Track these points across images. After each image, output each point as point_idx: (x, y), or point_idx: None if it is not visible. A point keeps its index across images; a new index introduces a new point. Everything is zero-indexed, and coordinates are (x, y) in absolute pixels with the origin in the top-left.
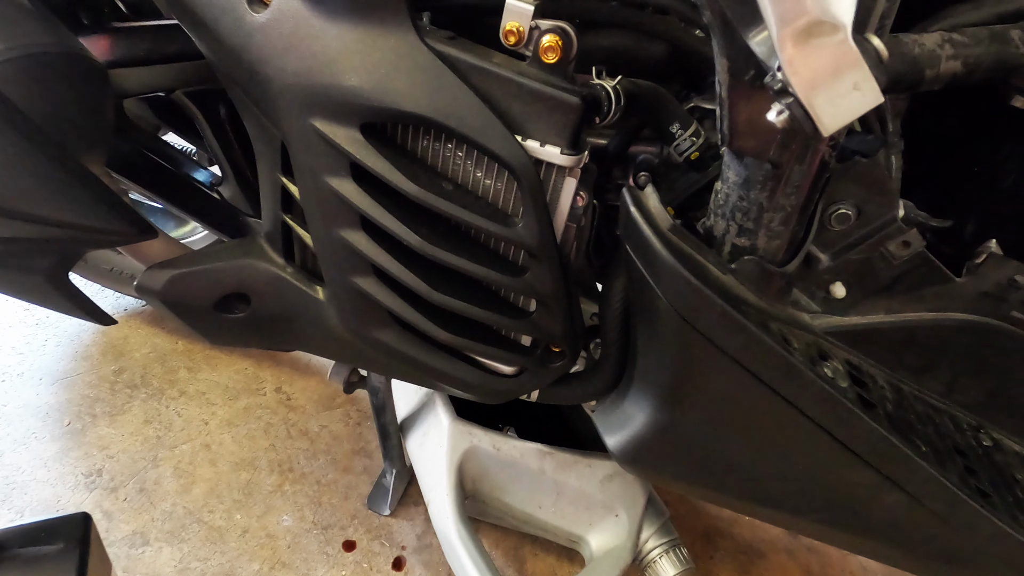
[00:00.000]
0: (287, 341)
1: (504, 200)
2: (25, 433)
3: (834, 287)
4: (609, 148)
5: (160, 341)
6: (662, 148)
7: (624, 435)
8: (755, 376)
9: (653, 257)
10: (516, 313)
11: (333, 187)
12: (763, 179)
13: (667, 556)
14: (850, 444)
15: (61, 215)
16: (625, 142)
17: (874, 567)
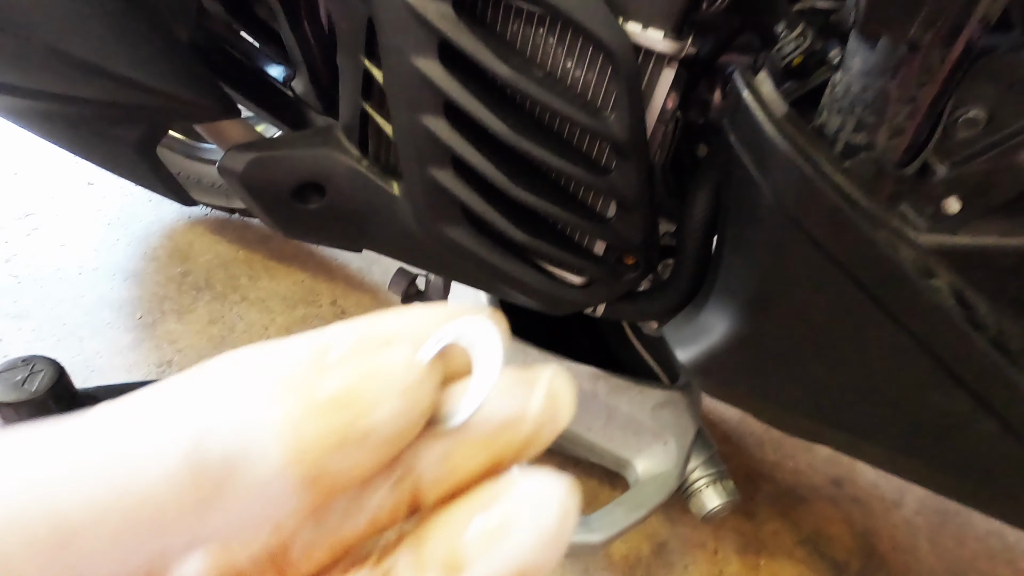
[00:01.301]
0: (358, 238)
1: (594, 92)
2: (102, 322)
3: (947, 201)
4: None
5: (223, 248)
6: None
7: (700, 347)
8: (858, 283)
9: (765, 146)
10: (595, 216)
11: (419, 68)
12: (896, 65)
13: (713, 486)
14: (953, 364)
15: (155, 81)
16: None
17: (919, 522)
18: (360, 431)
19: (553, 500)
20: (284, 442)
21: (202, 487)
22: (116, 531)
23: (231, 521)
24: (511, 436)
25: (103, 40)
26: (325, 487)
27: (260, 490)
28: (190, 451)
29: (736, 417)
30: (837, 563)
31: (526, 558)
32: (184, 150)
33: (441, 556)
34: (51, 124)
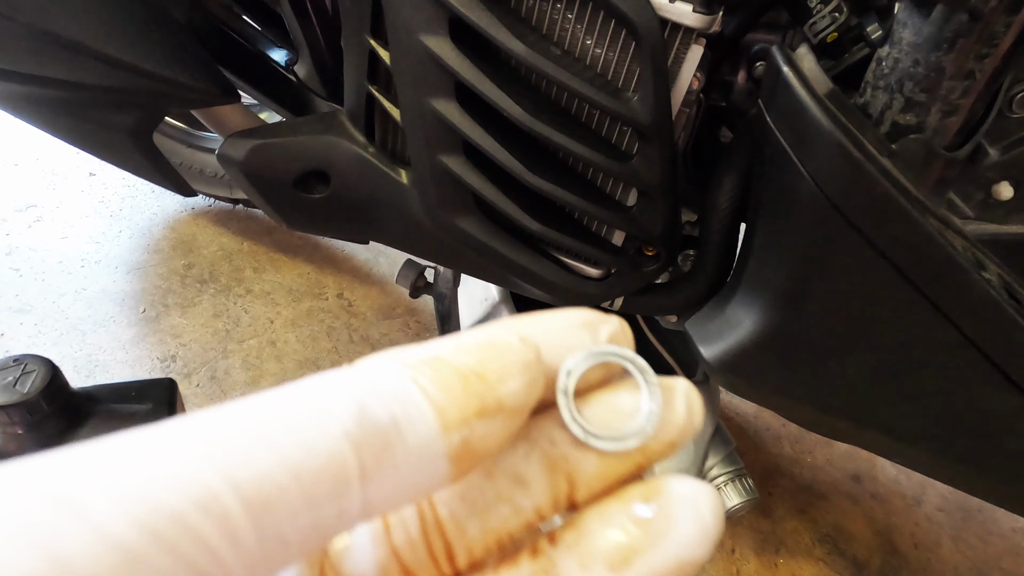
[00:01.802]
0: (364, 229)
1: (616, 71)
2: (104, 316)
3: (999, 187)
4: (724, 33)
5: (227, 240)
6: (784, 36)
7: (726, 343)
8: (904, 275)
9: (806, 126)
10: (614, 205)
11: (428, 47)
12: (953, 36)
13: (732, 484)
14: (1003, 362)
15: (149, 64)
16: (745, 26)
17: (941, 519)
18: (495, 400)
19: (708, 499)
20: (437, 406)
21: (373, 447)
22: (299, 503)
23: (395, 486)
24: (657, 445)
25: (93, 20)
26: (468, 455)
27: (419, 453)
28: (358, 415)
29: (752, 411)
30: (857, 561)
31: (688, 551)
32: (185, 139)
33: (606, 549)
34: (41, 110)
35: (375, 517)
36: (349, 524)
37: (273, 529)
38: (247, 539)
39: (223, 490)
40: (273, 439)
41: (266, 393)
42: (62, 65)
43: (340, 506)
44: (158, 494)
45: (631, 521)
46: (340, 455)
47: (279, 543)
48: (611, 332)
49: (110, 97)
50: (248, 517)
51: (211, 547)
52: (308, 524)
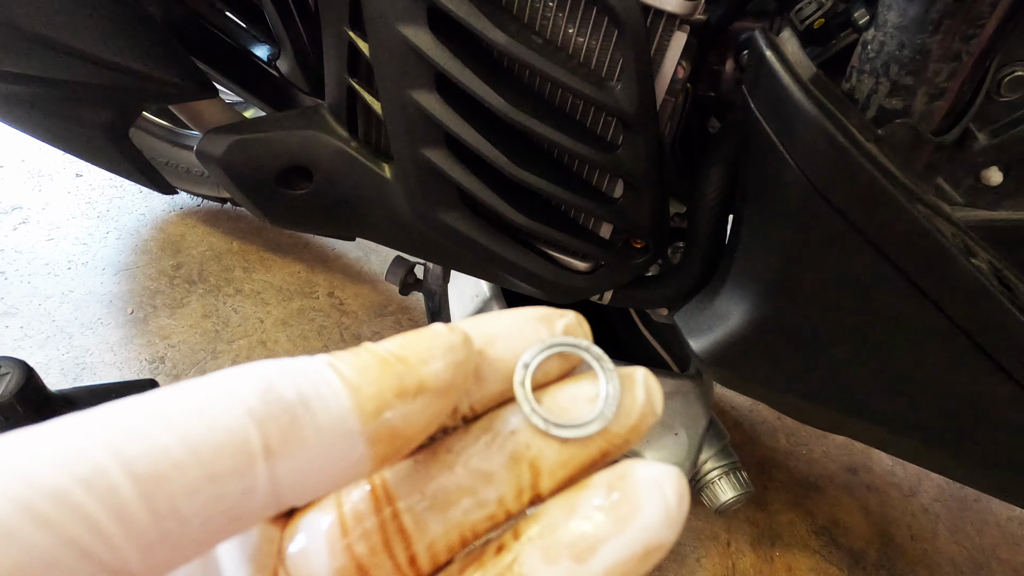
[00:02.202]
0: (349, 225)
1: (599, 61)
2: (92, 318)
3: (988, 172)
4: (711, 21)
5: (216, 240)
6: (771, 23)
7: (715, 335)
8: (893, 262)
9: (790, 112)
10: (601, 197)
11: (407, 37)
12: (938, 17)
13: (726, 478)
14: (994, 350)
15: (124, 60)
16: (731, 14)
17: (937, 510)
18: (416, 380)
19: (672, 482)
20: (351, 385)
21: (278, 423)
22: (197, 478)
23: (306, 465)
24: (619, 429)
25: (63, 15)
26: (388, 435)
27: (331, 430)
28: (264, 392)
29: (747, 405)
30: (854, 553)
31: (654, 536)
32: (170, 137)
33: (570, 539)
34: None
35: (291, 499)
36: (258, 505)
37: (167, 505)
38: (138, 515)
39: (110, 465)
40: (171, 417)
41: (188, 381)
42: (33, 61)
43: (243, 483)
44: (36, 470)
45: (594, 509)
46: (241, 431)
47: (176, 521)
48: (567, 324)
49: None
50: (138, 492)
51: (95, 523)
52: (208, 501)
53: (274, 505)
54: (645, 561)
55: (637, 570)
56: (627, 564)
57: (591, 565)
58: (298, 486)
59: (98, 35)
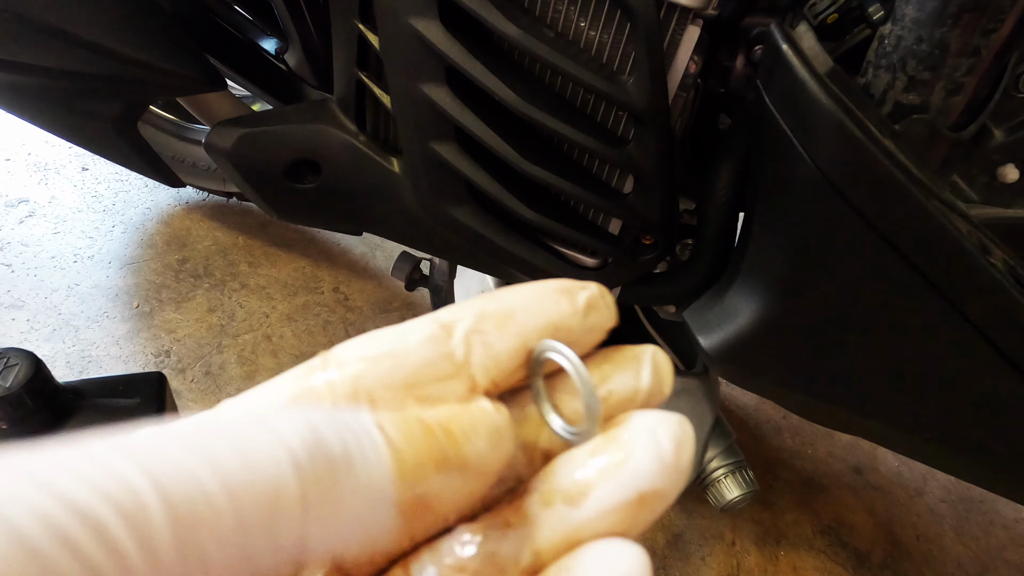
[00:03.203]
0: (357, 220)
1: (611, 54)
2: (98, 312)
3: (1004, 169)
4: (722, 16)
5: (221, 235)
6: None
7: (725, 333)
8: (908, 260)
9: (806, 106)
10: (611, 193)
11: (418, 30)
12: (958, 10)
13: (732, 477)
14: (1009, 348)
15: (133, 51)
16: (743, 8)
17: (943, 510)
18: (458, 456)
19: (668, 428)
20: (395, 449)
21: (320, 480)
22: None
23: (337, 527)
24: (626, 408)
25: (74, 6)
26: (420, 508)
27: (369, 495)
28: (311, 444)
29: (753, 403)
30: (859, 553)
31: (646, 482)
32: (177, 131)
33: (565, 485)
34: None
35: (313, 560)
36: (282, 561)
37: (196, 548)
38: (165, 551)
39: (146, 492)
40: (215, 454)
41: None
42: (43, 52)
43: (276, 539)
44: (65, 483)
45: (587, 455)
46: (284, 482)
47: (199, 565)
48: (588, 296)
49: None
50: (170, 527)
51: (120, 550)
52: (236, 551)
53: (293, 563)
54: (641, 508)
55: (635, 517)
56: (621, 510)
57: (584, 509)
58: (323, 547)
59: (108, 26)
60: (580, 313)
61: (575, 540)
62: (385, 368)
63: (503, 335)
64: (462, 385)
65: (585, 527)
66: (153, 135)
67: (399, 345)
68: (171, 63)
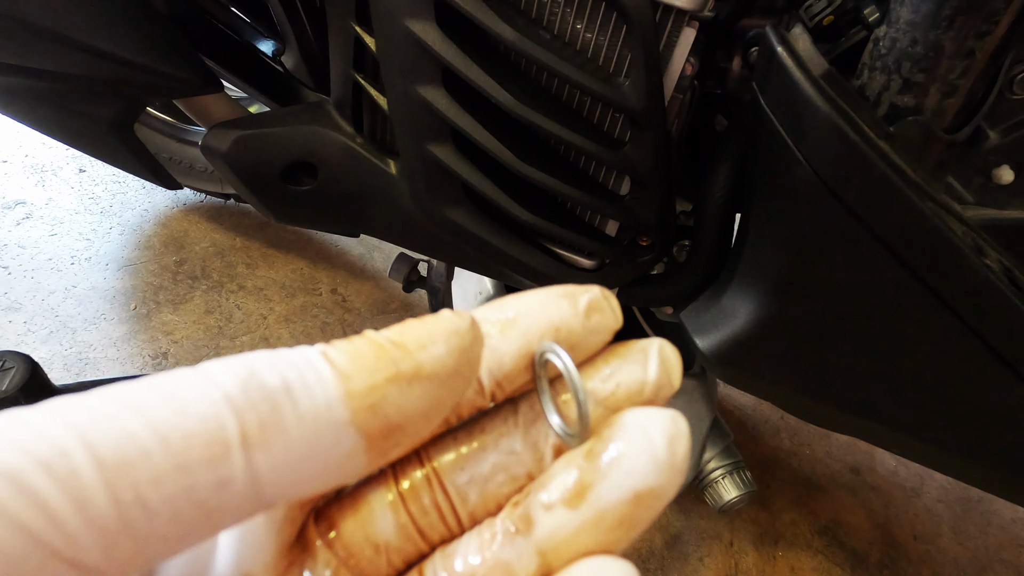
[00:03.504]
0: (354, 222)
1: (607, 56)
2: (95, 314)
3: (999, 171)
4: (718, 18)
5: (219, 236)
6: (779, 19)
7: (722, 334)
8: (903, 261)
9: (802, 108)
10: (607, 194)
11: (414, 32)
12: (952, 13)
13: (730, 477)
14: (1005, 351)
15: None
16: (739, 10)
17: (940, 510)
18: (412, 366)
19: (659, 424)
20: (341, 373)
21: (258, 412)
22: (165, 466)
23: (288, 455)
24: (634, 401)
25: (69, 8)
26: (381, 425)
27: (316, 418)
28: (245, 379)
29: (750, 404)
30: (857, 553)
31: (641, 480)
32: (174, 133)
33: (564, 487)
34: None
35: (275, 494)
36: (236, 499)
37: (131, 493)
38: (98, 502)
39: (73, 448)
40: (142, 404)
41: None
42: (38, 54)
43: (217, 474)
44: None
45: (581, 457)
46: (216, 418)
47: (142, 512)
48: (591, 299)
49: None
50: (100, 478)
51: (49, 508)
52: (177, 491)
53: (254, 500)
54: (639, 507)
55: (633, 515)
56: (618, 510)
57: (582, 511)
58: (282, 480)
59: (104, 29)
60: (582, 315)
61: (577, 543)
62: None
63: (506, 338)
64: (469, 388)
65: (585, 529)
66: (149, 137)
67: None
68: (167, 65)
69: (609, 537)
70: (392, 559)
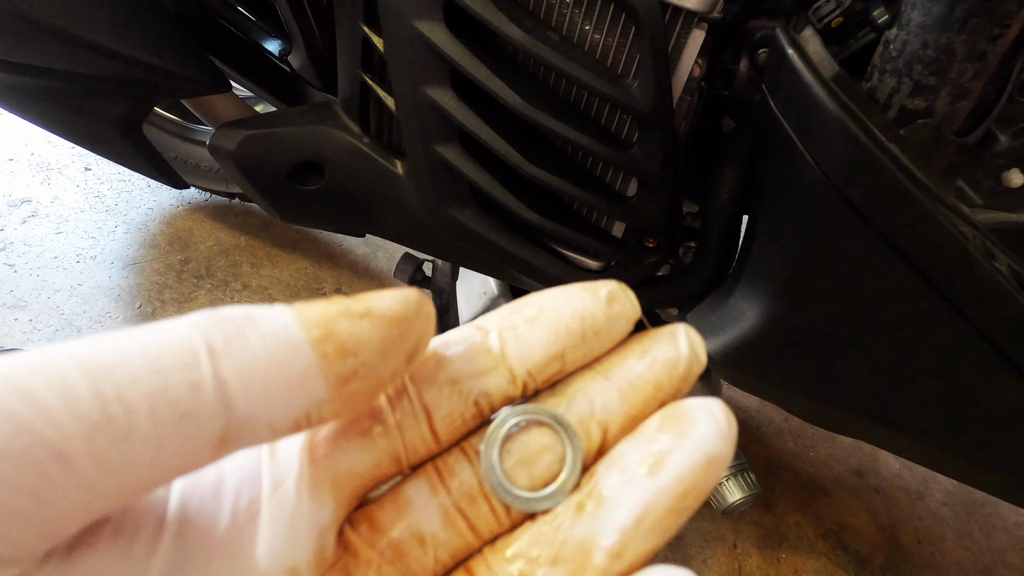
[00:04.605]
0: (360, 222)
1: (615, 58)
2: (100, 312)
3: (1009, 174)
4: (726, 19)
5: (223, 235)
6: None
7: (728, 336)
8: (912, 265)
9: (812, 111)
10: (614, 196)
11: (423, 33)
12: (964, 16)
13: (733, 479)
14: (1013, 353)
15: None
16: (747, 12)
17: (945, 513)
18: (360, 307)
19: (717, 405)
20: (297, 308)
21: (221, 331)
22: (142, 367)
23: (251, 368)
24: (672, 375)
25: (79, 7)
26: (336, 348)
27: (273, 336)
28: (211, 311)
29: (754, 406)
30: (860, 556)
31: (712, 446)
32: (180, 132)
33: (640, 458)
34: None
35: (242, 404)
36: (207, 403)
37: (112, 389)
38: (81, 394)
39: (63, 359)
40: (127, 332)
41: None
42: (48, 53)
43: (188, 376)
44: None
45: (656, 431)
46: (186, 335)
47: (121, 407)
48: (609, 291)
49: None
50: (83, 376)
51: (36, 398)
52: (154, 390)
53: (224, 407)
54: (708, 472)
55: (703, 481)
56: (694, 473)
57: (662, 476)
58: (247, 390)
59: (113, 28)
60: (604, 303)
61: (655, 511)
62: (430, 367)
63: (534, 328)
64: (501, 378)
65: (663, 495)
66: (155, 135)
67: (441, 344)
68: (177, 65)
69: (683, 504)
70: (439, 554)
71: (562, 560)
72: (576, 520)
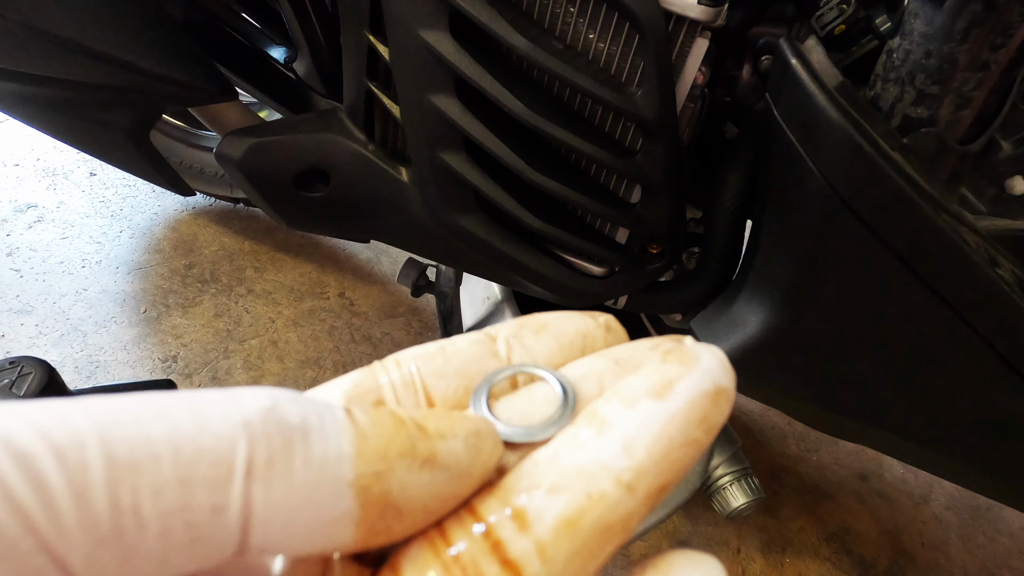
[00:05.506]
0: (365, 228)
1: (619, 67)
2: (105, 317)
3: (1012, 181)
4: (729, 26)
5: (228, 240)
6: (790, 28)
7: (732, 342)
8: (914, 271)
9: (815, 119)
10: (618, 202)
11: (428, 42)
12: (967, 26)
13: (737, 484)
14: (1017, 360)
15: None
16: (750, 19)
17: (949, 518)
18: (426, 450)
19: (717, 348)
20: (359, 430)
21: (270, 444)
22: (169, 476)
23: (285, 499)
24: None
25: (88, 18)
26: (380, 500)
27: (322, 467)
28: (268, 410)
29: (758, 410)
30: (864, 561)
31: (718, 376)
32: (185, 138)
33: (645, 384)
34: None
35: (259, 539)
36: (223, 531)
37: (131, 498)
38: (98, 500)
39: (90, 441)
40: (167, 407)
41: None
42: (56, 63)
43: (214, 498)
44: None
45: (660, 362)
46: (230, 440)
47: (135, 520)
48: (607, 319)
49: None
50: (106, 476)
51: (52, 497)
52: (173, 507)
53: (238, 540)
54: (716, 403)
55: (712, 413)
56: (702, 401)
57: (671, 401)
58: (270, 522)
59: (121, 38)
60: (602, 328)
61: (667, 436)
62: (438, 361)
63: (540, 339)
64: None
65: (677, 416)
66: (161, 141)
67: (450, 345)
68: (184, 74)
69: (695, 434)
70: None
71: (561, 488)
72: (577, 447)
